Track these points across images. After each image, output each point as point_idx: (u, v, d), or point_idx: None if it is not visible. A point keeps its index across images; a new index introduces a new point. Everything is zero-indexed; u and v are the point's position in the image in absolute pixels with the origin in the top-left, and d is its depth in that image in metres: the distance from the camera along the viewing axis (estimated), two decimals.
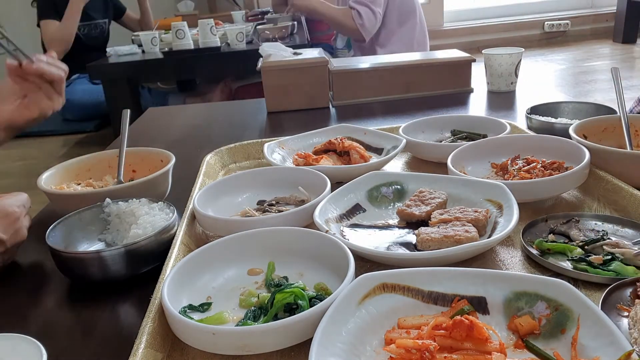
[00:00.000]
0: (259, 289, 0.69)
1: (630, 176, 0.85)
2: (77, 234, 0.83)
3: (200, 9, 4.97)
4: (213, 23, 2.99)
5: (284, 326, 0.55)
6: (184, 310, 0.63)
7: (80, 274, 0.75)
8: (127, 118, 1.06)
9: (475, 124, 1.19)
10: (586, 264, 0.67)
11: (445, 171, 0.93)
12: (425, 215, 0.81)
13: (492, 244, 0.70)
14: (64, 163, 1.02)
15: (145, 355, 0.55)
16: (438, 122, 1.22)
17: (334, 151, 1.08)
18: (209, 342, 0.57)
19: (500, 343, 0.53)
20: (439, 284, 0.60)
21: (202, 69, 3.09)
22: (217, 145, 1.19)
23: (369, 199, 0.89)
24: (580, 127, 1.02)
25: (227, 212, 0.90)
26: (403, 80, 1.62)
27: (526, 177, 0.88)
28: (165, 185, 0.98)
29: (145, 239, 0.75)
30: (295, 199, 0.92)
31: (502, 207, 0.78)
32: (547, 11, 5.64)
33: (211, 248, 0.72)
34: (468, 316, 0.54)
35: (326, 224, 0.77)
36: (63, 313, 0.73)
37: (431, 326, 0.55)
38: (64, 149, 3.64)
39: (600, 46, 5.15)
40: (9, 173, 3.34)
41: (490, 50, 1.61)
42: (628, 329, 0.54)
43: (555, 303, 0.56)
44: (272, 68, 1.55)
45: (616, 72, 1.04)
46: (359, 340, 0.56)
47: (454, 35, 5.38)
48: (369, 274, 0.60)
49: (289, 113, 1.59)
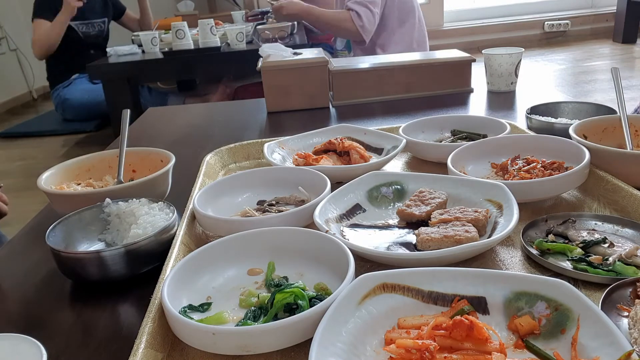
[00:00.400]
0: (259, 289, 0.69)
1: (630, 176, 0.85)
2: (77, 234, 0.83)
3: (200, 9, 4.98)
4: (213, 23, 2.99)
5: (284, 326, 0.55)
6: (184, 310, 0.63)
7: (80, 274, 0.75)
8: (127, 118, 1.06)
9: (475, 124, 1.19)
10: (586, 264, 0.67)
11: (445, 171, 0.93)
12: (425, 215, 0.81)
13: (492, 244, 0.70)
14: (64, 163, 1.02)
15: (145, 355, 0.55)
16: (438, 122, 1.22)
17: (334, 151, 1.08)
18: (209, 342, 0.56)
19: (500, 343, 0.53)
20: (439, 284, 0.60)
21: (202, 69, 3.09)
22: (217, 145, 1.19)
23: (369, 199, 0.89)
24: (580, 127, 1.02)
25: (227, 212, 0.90)
26: (403, 80, 1.62)
27: (526, 177, 0.88)
28: (165, 185, 0.98)
29: (145, 239, 0.75)
30: (295, 199, 0.92)
31: (502, 207, 0.78)
32: (547, 11, 5.65)
33: (211, 248, 0.72)
34: (468, 316, 0.54)
35: (326, 224, 0.77)
36: (63, 313, 0.72)
37: (431, 326, 0.55)
38: (64, 149, 3.64)
39: (600, 46, 5.15)
40: (9, 173, 3.34)
41: (490, 50, 1.61)
42: (628, 329, 0.54)
43: (555, 303, 0.56)
44: (272, 68, 1.55)
45: (616, 72, 1.04)
46: (359, 340, 0.56)
47: (454, 35, 5.39)
48: (369, 274, 0.60)
49: (289, 113, 1.59)
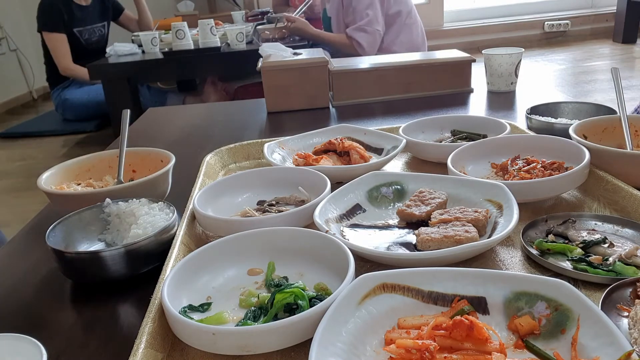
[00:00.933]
0: (259, 289, 0.69)
1: (631, 176, 0.85)
2: (77, 234, 0.83)
3: (200, 9, 4.98)
4: (213, 23, 2.99)
5: (284, 326, 0.55)
6: (184, 311, 0.63)
7: (80, 274, 0.75)
8: (127, 118, 1.06)
9: (475, 124, 1.19)
10: (586, 264, 0.67)
11: (445, 171, 0.93)
12: (425, 215, 0.81)
13: (492, 244, 0.70)
14: (64, 163, 1.02)
15: (145, 355, 0.55)
16: (438, 122, 1.22)
17: (334, 151, 1.08)
18: (209, 342, 0.56)
19: (500, 343, 0.53)
20: (439, 284, 0.60)
21: (202, 69, 3.09)
22: (217, 145, 1.19)
23: (369, 199, 0.89)
24: (580, 127, 1.02)
25: (227, 212, 0.90)
26: (403, 80, 1.62)
27: (526, 177, 0.88)
28: (165, 185, 0.98)
29: (145, 239, 0.75)
30: (295, 199, 0.92)
31: (502, 207, 0.78)
32: (547, 11, 5.65)
33: (211, 248, 0.72)
34: (468, 316, 0.54)
35: (326, 224, 0.77)
36: (63, 313, 0.72)
37: (431, 326, 0.55)
38: (64, 149, 3.64)
39: (600, 46, 5.15)
40: (9, 173, 3.34)
41: (491, 51, 1.61)
42: (628, 329, 0.54)
43: (555, 303, 0.56)
44: (272, 68, 1.55)
45: (616, 72, 1.04)
46: (359, 340, 0.56)
47: (454, 35, 5.39)
48: (369, 274, 0.60)
49: (289, 113, 1.59)
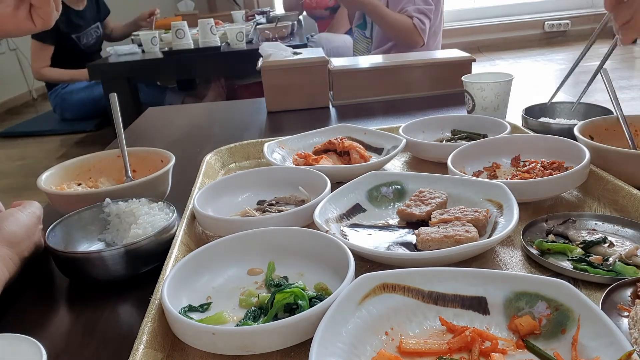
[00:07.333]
0: (259, 289, 0.69)
1: (631, 176, 0.85)
2: (77, 234, 0.83)
3: (200, 9, 4.98)
4: (213, 23, 2.99)
5: (284, 326, 0.55)
6: (184, 311, 0.63)
7: (80, 274, 0.75)
8: (115, 103, 1.02)
9: (475, 124, 1.19)
10: (586, 264, 0.67)
11: (445, 171, 0.93)
12: (425, 215, 0.81)
13: (492, 244, 0.70)
14: (63, 163, 1.02)
15: (145, 355, 0.55)
16: (438, 122, 1.22)
17: (334, 151, 1.08)
18: (209, 342, 0.56)
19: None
20: (439, 284, 0.60)
21: (202, 68, 3.09)
22: (217, 145, 1.19)
23: (369, 199, 0.89)
24: (585, 128, 1.01)
25: (227, 212, 0.90)
26: (403, 80, 1.62)
27: (526, 177, 0.88)
28: (165, 185, 0.98)
29: (145, 239, 0.74)
30: (295, 199, 0.92)
31: (502, 207, 0.78)
32: (547, 11, 5.65)
33: (211, 248, 0.72)
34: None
35: (326, 224, 0.77)
36: (63, 313, 0.72)
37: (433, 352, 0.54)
38: (63, 149, 3.64)
39: (600, 46, 5.12)
40: (8, 173, 3.33)
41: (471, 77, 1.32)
42: (628, 329, 0.54)
43: (556, 303, 0.56)
44: (272, 68, 1.55)
45: (606, 73, 1.03)
46: (359, 340, 0.56)
47: (454, 35, 5.38)
48: (369, 274, 0.60)
49: (289, 113, 1.59)
